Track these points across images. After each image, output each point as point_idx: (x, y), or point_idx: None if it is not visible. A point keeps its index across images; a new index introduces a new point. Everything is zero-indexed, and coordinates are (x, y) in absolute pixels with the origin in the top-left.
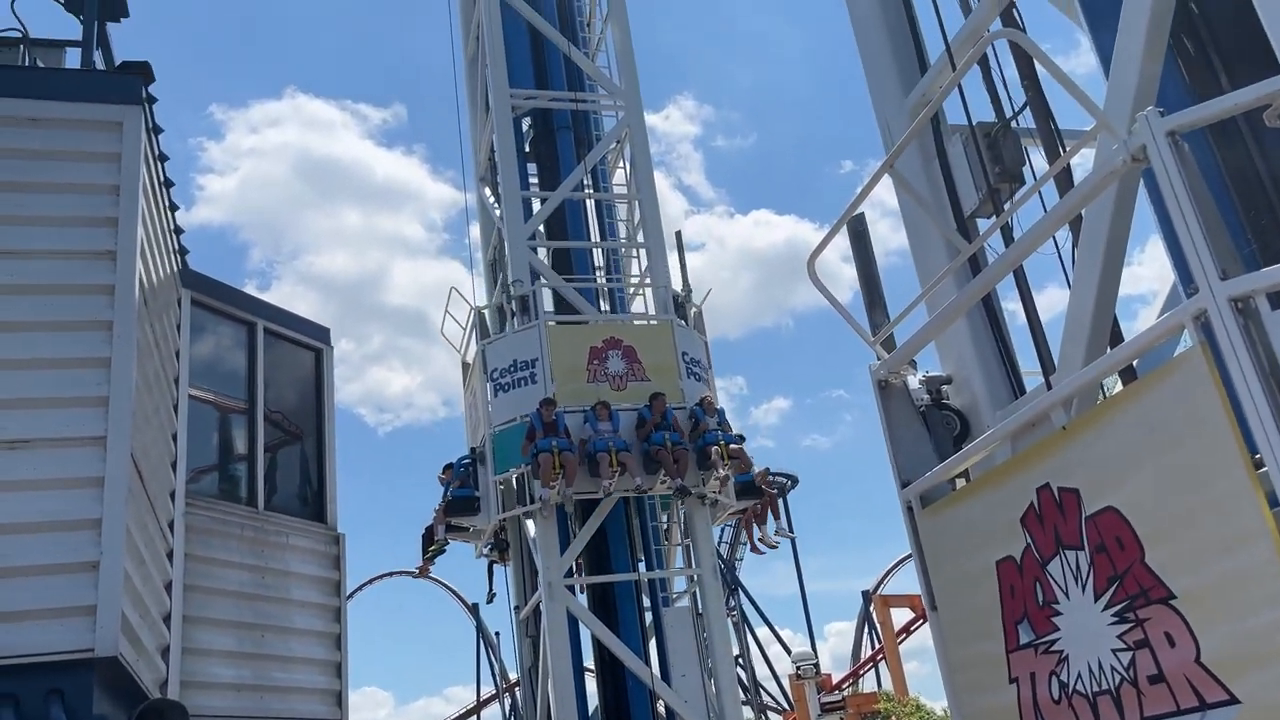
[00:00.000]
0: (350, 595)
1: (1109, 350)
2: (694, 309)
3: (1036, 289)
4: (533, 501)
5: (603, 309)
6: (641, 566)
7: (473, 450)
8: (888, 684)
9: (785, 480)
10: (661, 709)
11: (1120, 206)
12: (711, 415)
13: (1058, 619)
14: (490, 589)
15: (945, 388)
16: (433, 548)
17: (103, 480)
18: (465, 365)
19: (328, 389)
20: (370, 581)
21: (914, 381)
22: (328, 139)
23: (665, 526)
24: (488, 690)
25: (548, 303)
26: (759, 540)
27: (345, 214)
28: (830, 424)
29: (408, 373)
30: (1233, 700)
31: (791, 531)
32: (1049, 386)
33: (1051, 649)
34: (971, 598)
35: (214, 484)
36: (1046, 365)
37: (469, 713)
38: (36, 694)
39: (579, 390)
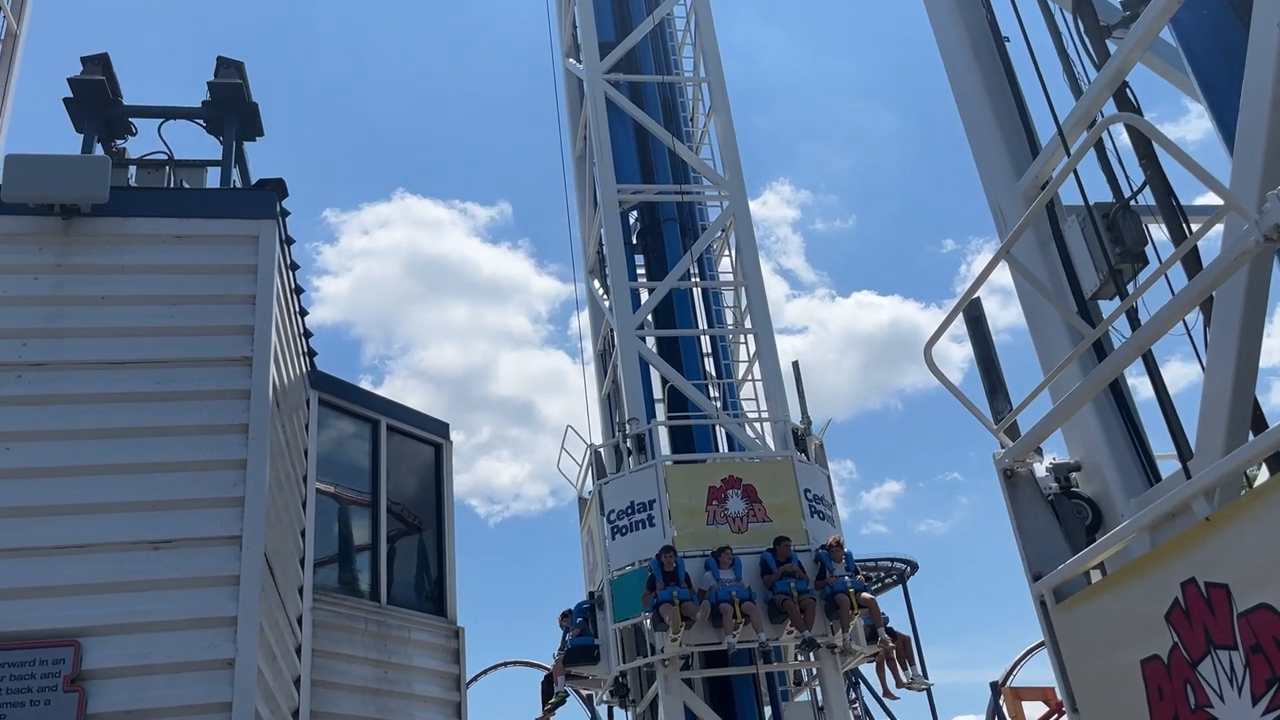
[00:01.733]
0: (468, 685)
1: (1251, 436)
2: (815, 441)
3: (1160, 362)
4: (654, 652)
5: (718, 437)
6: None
7: (591, 594)
8: None
9: (905, 566)
10: None
11: (1254, 286)
12: (839, 561)
13: None
14: None
15: (1074, 475)
16: (553, 700)
17: (238, 579)
18: (581, 501)
19: (447, 482)
20: (486, 672)
21: (1041, 469)
22: (436, 237)
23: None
24: None
25: (664, 438)
26: (896, 687)
27: (453, 309)
28: (946, 508)
29: (516, 463)
30: None
31: (927, 679)
32: (1187, 474)
33: None
34: (1116, 698)
35: (338, 577)
36: (1183, 450)
37: None
38: None
39: (698, 533)
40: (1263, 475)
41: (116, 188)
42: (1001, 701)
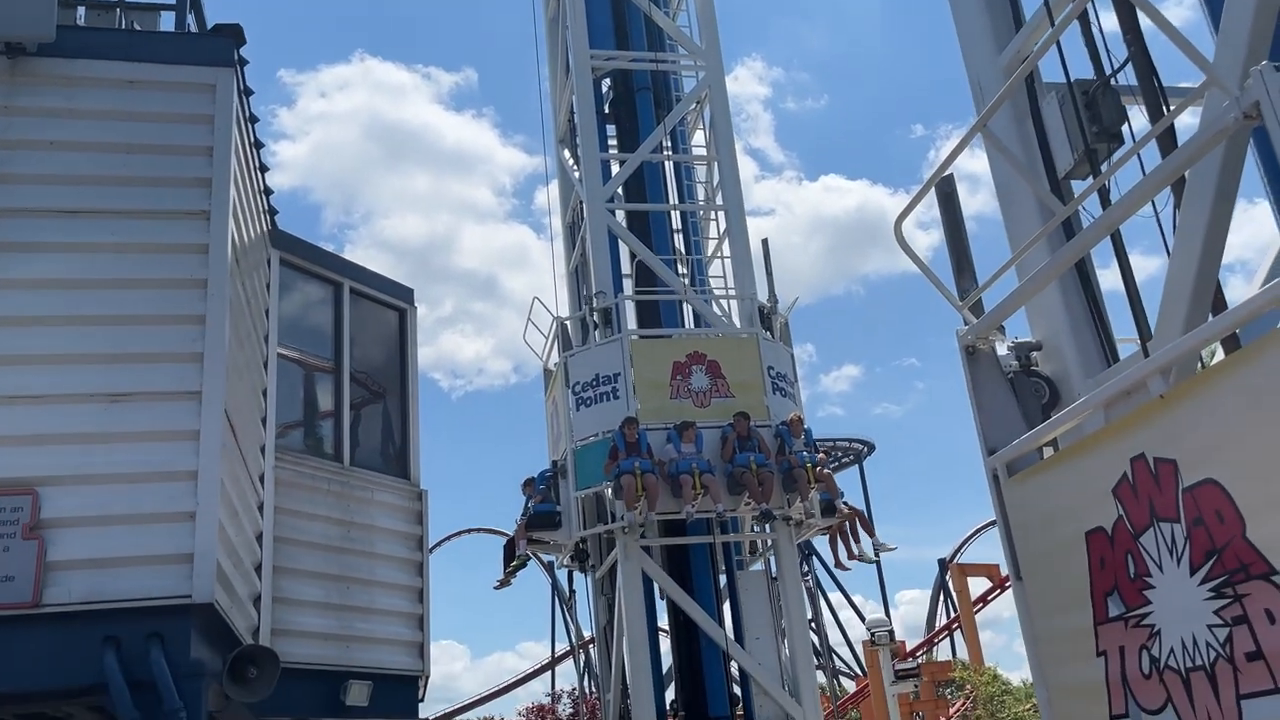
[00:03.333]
0: (430, 550)
1: (1211, 318)
2: (780, 320)
3: (1127, 252)
4: (614, 520)
5: (684, 304)
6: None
7: (554, 463)
8: (961, 653)
9: (862, 447)
10: (735, 671)
11: (1228, 166)
12: (798, 436)
13: (1150, 592)
14: (571, 590)
15: (1035, 354)
16: (514, 563)
17: (198, 434)
18: (547, 372)
19: (411, 348)
20: (449, 538)
21: (1002, 348)
22: (397, 103)
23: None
24: (562, 647)
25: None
26: (846, 559)
27: (415, 178)
28: (902, 392)
29: (479, 337)
30: None
31: (892, 545)
32: (1146, 354)
33: (1143, 623)
34: (1059, 569)
35: (301, 440)
36: (1143, 332)
37: (543, 668)
38: (137, 637)
39: (662, 407)
40: (1219, 358)
41: (64, 27)
42: (948, 577)
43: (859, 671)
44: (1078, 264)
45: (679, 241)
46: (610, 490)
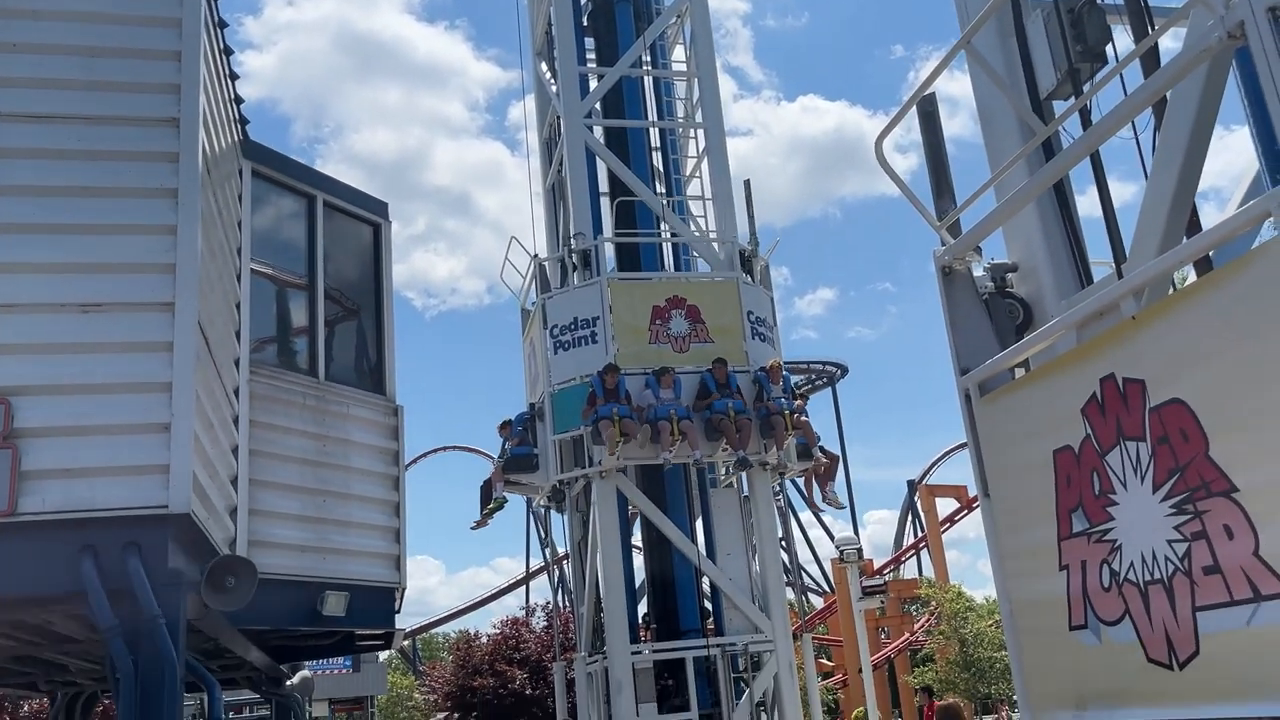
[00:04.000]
0: (406, 467)
1: (1185, 240)
2: (761, 262)
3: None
4: (591, 464)
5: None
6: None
7: (531, 406)
8: (928, 572)
9: (835, 369)
10: (706, 586)
11: (1210, 87)
12: (777, 383)
13: (1113, 509)
14: (547, 535)
15: (1010, 276)
16: (492, 505)
17: (171, 345)
18: (524, 312)
19: (386, 264)
20: (425, 455)
21: (978, 269)
22: (367, 12)
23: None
24: (536, 563)
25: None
26: (822, 501)
27: (386, 91)
28: (875, 317)
29: (453, 256)
30: None
31: (841, 503)
32: (1120, 277)
33: (1105, 538)
34: (1026, 486)
35: (275, 355)
36: (1119, 255)
37: (517, 583)
38: (114, 546)
39: (641, 352)
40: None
41: None
42: (917, 498)
43: (827, 589)
44: (1056, 186)
45: (657, 160)
46: (589, 433)
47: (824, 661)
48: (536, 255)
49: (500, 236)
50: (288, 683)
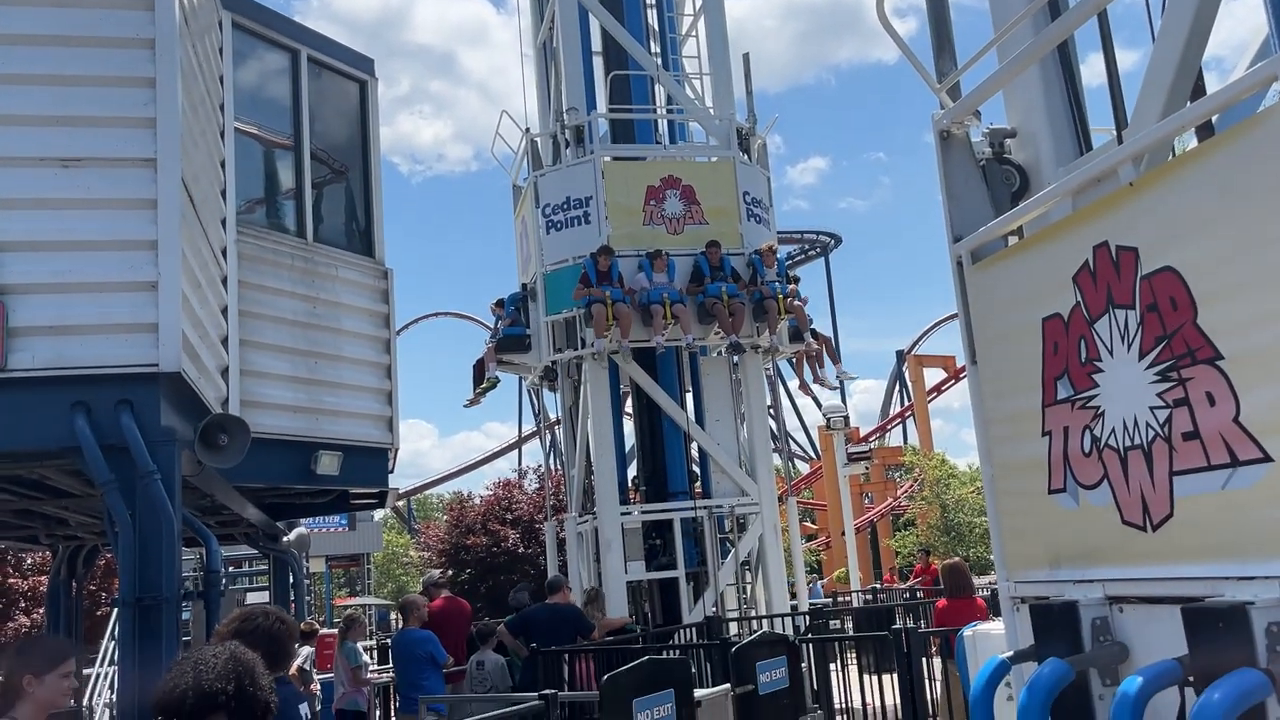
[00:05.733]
0: (398, 332)
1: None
2: (759, 141)
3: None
4: (583, 346)
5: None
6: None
7: (524, 286)
8: (913, 440)
9: (829, 239)
10: (695, 452)
11: None
12: (771, 266)
13: (1098, 376)
14: (540, 407)
15: (1009, 142)
16: (485, 385)
17: (155, 202)
18: (516, 188)
19: (373, 123)
20: (416, 321)
21: (976, 134)
22: None
23: None
24: (528, 428)
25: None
26: (813, 382)
27: None
28: (867, 187)
29: (438, 119)
30: (1266, 459)
31: (853, 374)
32: (1120, 144)
33: (1088, 404)
34: (1013, 353)
35: (262, 216)
36: (1121, 122)
37: (509, 448)
38: (106, 404)
39: (634, 233)
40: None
41: None
42: (905, 367)
43: (814, 455)
44: (1060, 49)
45: (653, 19)
46: (581, 315)
47: (808, 524)
48: (528, 130)
49: (487, 99)
50: (284, 539)
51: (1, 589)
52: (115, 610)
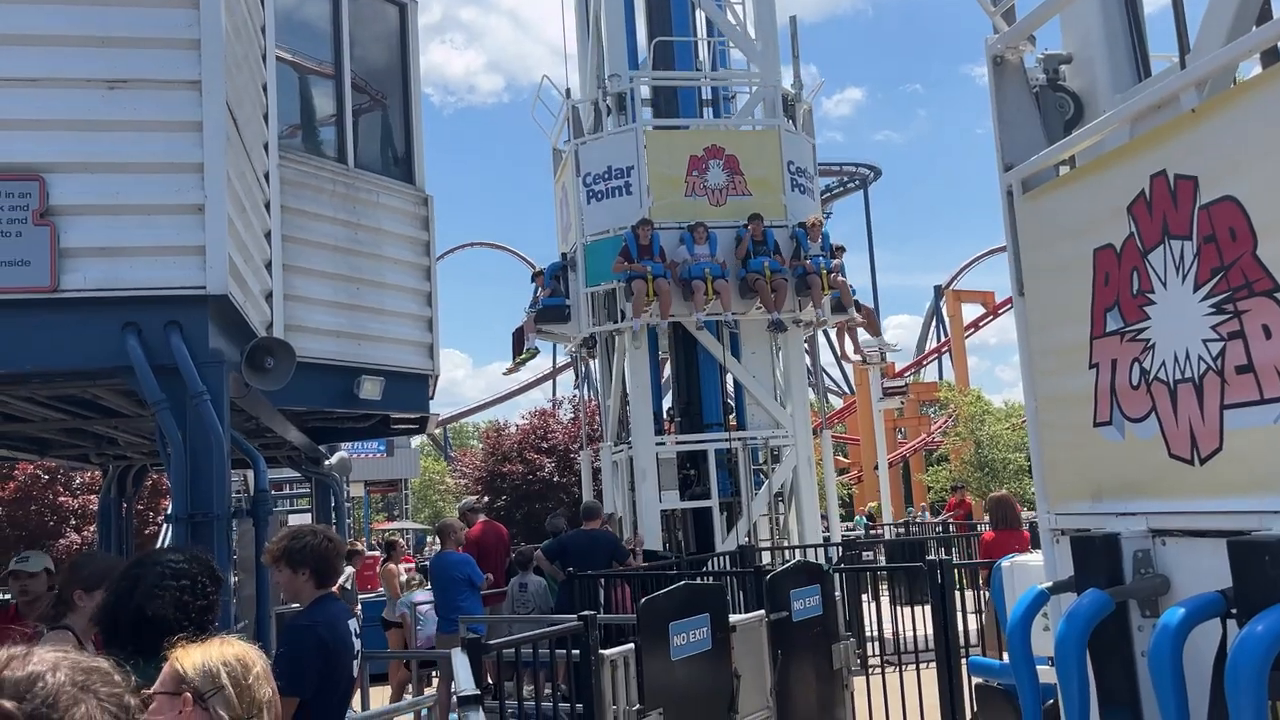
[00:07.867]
0: (437, 260)
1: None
2: (804, 107)
3: None
4: (623, 318)
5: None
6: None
7: (564, 255)
8: (948, 376)
9: (869, 172)
10: (730, 384)
11: None
12: (815, 240)
13: (1150, 308)
14: (584, 375)
15: (1064, 68)
16: (524, 354)
17: (200, 125)
18: (556, 152)
19: (413, 48)
20: (450, 251)
21: (1031, 59)
22: None
23: None
24: (563, 360)
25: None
26: (853, 352)
27: None
28: (904, 120)
29: (470, 49)
30: None
31: (895, 345)
32: (1183, 68)
33: (1139, 337)
34: (1062, 285)
35: (302, 140)
36: (1184, 47)
37: (544, 378)
38: (156, 325)
39: (676, 205)
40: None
41: None
42: (942, 303)
43: (848, 390)
44: None
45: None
46: (621, 289)
47: (840, 459)
48: (569, 92)
49: (519, 28)
50: (326, 463)
51: (53, 507)
52: (165, 528)
